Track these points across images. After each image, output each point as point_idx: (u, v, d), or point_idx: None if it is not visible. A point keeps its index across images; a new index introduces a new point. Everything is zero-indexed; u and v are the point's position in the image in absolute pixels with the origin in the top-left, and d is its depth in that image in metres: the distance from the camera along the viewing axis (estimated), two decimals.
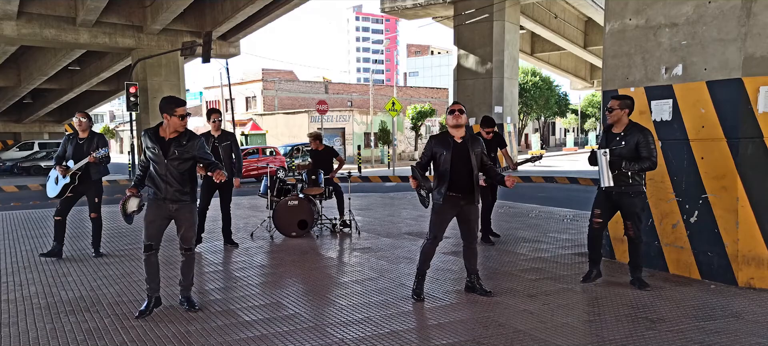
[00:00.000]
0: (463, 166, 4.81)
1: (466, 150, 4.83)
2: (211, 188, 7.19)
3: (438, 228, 4.94)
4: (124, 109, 50.05)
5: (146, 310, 4.62)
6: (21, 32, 20.39)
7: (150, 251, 4.58)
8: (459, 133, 4.88)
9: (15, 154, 31.03)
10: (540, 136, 57.87)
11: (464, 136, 4.88)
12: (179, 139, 4.53)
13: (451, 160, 4.80)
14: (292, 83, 45.31)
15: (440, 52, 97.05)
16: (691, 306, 4.75)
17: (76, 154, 6.53)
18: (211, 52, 19.31)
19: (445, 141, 4.87)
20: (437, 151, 4.88)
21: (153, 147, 4.52)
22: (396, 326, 4.34)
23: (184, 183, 4.56)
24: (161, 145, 4.50)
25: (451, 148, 4.83)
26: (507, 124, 21.06)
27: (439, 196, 4.86)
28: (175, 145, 4.50)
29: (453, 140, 4.86)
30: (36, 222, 9.92)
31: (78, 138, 6.61)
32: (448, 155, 4.81)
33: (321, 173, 8.16)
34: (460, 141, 4.85)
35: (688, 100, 5.51)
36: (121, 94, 36.69)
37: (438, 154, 4.87)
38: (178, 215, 4.59)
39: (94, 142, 6.58)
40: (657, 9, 5.73)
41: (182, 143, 4.52)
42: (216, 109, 7.23)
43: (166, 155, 4.48)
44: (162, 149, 4.49)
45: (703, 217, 5.46)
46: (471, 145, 4.85)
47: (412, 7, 23.22)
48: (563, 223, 9.17)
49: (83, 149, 6.54)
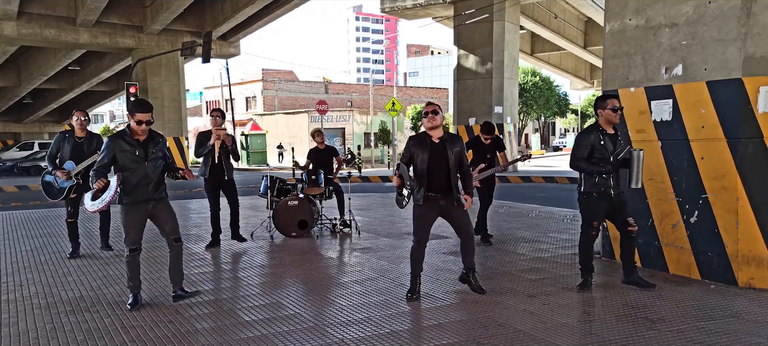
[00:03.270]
0: (440, 166, 4.80)
1: (444, 150, 4.81)
2: (217, 190, 7.21)
3: (421, 230, 4.94)
4: (124, 109, 50.06)
5: (135, 302, 4.79)
6: (21, 32, 20.38)
7: (135, 253, 4.74)
8: (436, 134, 4.86)
9: (15, 154, 31.00)
10: (540, 136, 57.89)
11: (442, 136, 4.86)
12: (154, 138, 4.70)
13: (428, 160, 4.79)
14: (292, 83, 45.32)
15: (440, 52, 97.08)
16: (691, 306, 4.75)
17: (74, 153, 6.50)
18: (211, 52, 19.30)
19: (423, 141, 4.86)
20: (415, 151, 4.87)
21: (132, 150, 4.57)
22: (396, 326, 4.34)
23: (161, 181, 4.76)
24: (141, 147, 4.61)
25: (428, 148, 4.82)
26: (507, 124, 21.05)
27: (418, 196, 4.86)
28: (152, 145, 4.67)
29: (430, 140, 4.85)
30: (36, 222, 9.92)
31: (76, 137, 6.55)
32: (426, 156, 4.80)
33: (321, 172, 8.17)
34: (437, 141, 4.84)
35: (688, 100, 5.51)
36: (121, 94, 36.69)
37: (416, 155, 4.87)
38: (157, 212, 4.76)
39: (93, 142, 6.58)
40: (657, 9, 5.73)
41: (158, 142, 4.72)
42: (219, 109, 7.25)
43: (147, 157, 4.61)
44: (143, 151, 4.61)
45: (703, 217, 5.46)
46: (449, 145, 4.82)
47: (412, 7, 23.20)
48: (563, 223, 9.17)
49: (83, 149, 6.52)
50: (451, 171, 4.81)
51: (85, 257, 6.82)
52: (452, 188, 4.86)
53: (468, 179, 4.99)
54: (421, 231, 4.94)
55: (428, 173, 4.80)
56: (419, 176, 4.85)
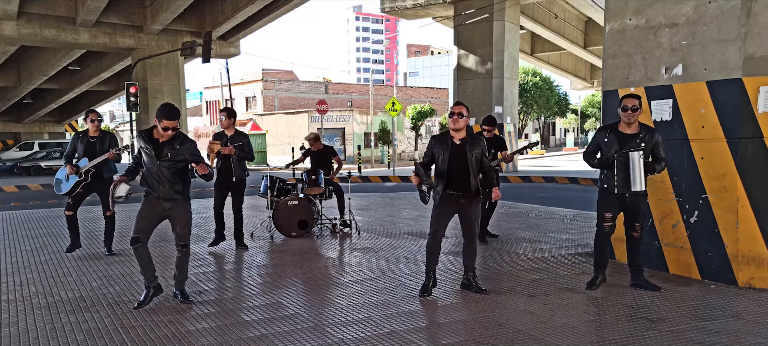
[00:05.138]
0: (460, 166, 4.91)
1: (464, 151, 4.91)
2: (224, 188, 7.17)
3: (437, 222, 5.02)
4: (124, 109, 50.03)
5: (145, 301, 4.80)
6: (21, 32, 20.38)
7: (137, 244, 4.74)
8: (459, 135, 4.97)
9: (15, 154, 31.00)
10: (540, 136, 57.89)
11: (464, 138, 4.95)
12: (172, 142, 4.69)
13: (449, 161, 4.92)
14: (292, 83, 45.30)
15: (440, 52, 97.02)
16: (691, 306, 4.75)
17: (88, 152, 6.64)
18: (211, 52, 19.29)
19: (445, 142, 4.99)
20: (436, 151, 5.00)
21: (147, 148, 4.71)
22: (396, 326, 4.34)
23: (176, 182, 4.74)
24: (155, 147, 4.68)
25: (449, 149, 4.94)
26: (507, 124, 21.06)
27: (437, 195, 4.99)
28: (168, 148, 4.68)
29: (452, 141, 4.96)
30: (36, 222, 9.92)
31: (89, 136, 6.71)
32: (446, 156, 4.93)
33: (321, 172, 8.16)
34: (458, 142, 4.94)
35: (688, 100, 5.51)
36: (121, 94, 36.67)
37: (437, 155, 4.99)
38: (172, 213, 4.79)
39: (106, 141, 6.72)
40: (657, 9, 5.73)
41: (175, 147, 4.69)
42: (229, 109, 7.17)
43: (158, 157, 4.67)
44: (155, 151, 4.67)
45: (703, 217, 5.45)
46: (470, 147, 4.92)
47: (412, 7, 23.20)
48: (563, 223, 9.17)
49: (95, 147, 6.65)
50: (470, 172, 4.91)
51: (86, 258, 6.82)
52: (471, 188, 4.93)
53: (490, 175, 5.13)
54: (436, 222, 5.02)
55: (448, 173, 4.92)
56: (439, 174, 4.98)
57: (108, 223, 6.95)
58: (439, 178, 4.98)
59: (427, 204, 5.04)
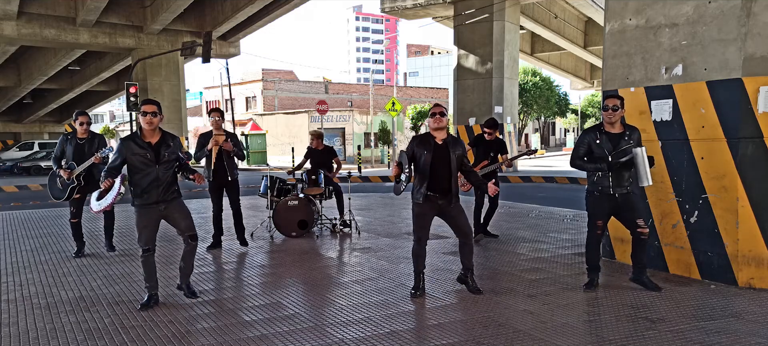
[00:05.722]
0: (442, 167, 4.87)
1: (446, 152, 4.88)
2: (220, 190, 7.18)
3: (421, 229, 5.01)
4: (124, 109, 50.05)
5: (148, 303, 4.80)
6: (21, 32, 20.40)
7: (148, 253, 4.74)
8: (440, 136, 4.93)
9: (15, 154, 31.02)
10: (540, 136, 57.87)
11: (445, 138, 4.93)
12: (165, 140, 4.67)
13: (431, 161, 4.86)
14: (292, 83, 45.29)
15: (440, 52, 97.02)
16: (691, 306, 4.75)
17: (76, 155, 6.55)
18: (211, 52, 19.30)
19: (427, 142, 4.92)
20: (418, 152, 4.93)
21: (142, 153, 4.57)
22: (396, 326, 4.34)
23: (172, 183, 4.75)
24: (152, 150, 4.59)
25: (432, 149, 4.88)
26: (507, 124, 21.05)
27: (418, 196, 4.92)
28: (164, 148, 4.63)
29: (434, 142, 4.91)
30: (36, 222, 9.92)
31: (77, 139, 6.62)
32: (428, 156, 4.86)
33: (321, 172, 8.16)
34: (440, 143, 4.90)
35: (688, 100, 5.51)
36: (121, 94, 36.71)
37: (418, 155, 4.92)
38: (170, 213, 4.76)
39: (95, 142, 6.63)
40: (657, 9, 5.73)
41: (169, 145, 4.68)
42: (217, 109, 7.21)
43: (158, 160, 4.58)
44: (154, 154, 4.59)
45: (703, 217, 5.46)
46: (452, 147, 4.89)
47: (412, 7, 23.19)
48: (563, 223, 9.17)
49: (84, 150, 6.56)
50: (452, 173, 4.88)
51: (86, 257, 6.83)
52: (452, 189, 4.90)
53: (472, 174, 5.11)
54: (420, 230, 5.01)
55: (430, 173, 4.86)
56: (421, 175, 4.91)
57: (107, 219, 6.94)
58: (421, 179, 4.91)
59: (399, 194, 5.02)
